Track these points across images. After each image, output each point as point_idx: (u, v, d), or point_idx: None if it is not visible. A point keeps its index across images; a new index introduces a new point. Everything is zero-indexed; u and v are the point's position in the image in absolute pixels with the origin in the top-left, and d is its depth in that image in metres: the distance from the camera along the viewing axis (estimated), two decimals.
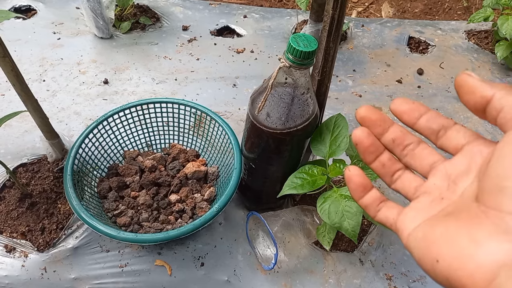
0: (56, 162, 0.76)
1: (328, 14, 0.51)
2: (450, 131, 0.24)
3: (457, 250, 0.19)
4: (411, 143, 0.26)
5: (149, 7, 1.25)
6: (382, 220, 0.26)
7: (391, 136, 0.26)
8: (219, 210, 0.60)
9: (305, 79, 0.52)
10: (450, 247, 0.20)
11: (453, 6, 1.50)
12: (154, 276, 0.67)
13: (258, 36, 1.21)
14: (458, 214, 0.21)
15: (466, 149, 0.24)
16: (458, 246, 0.19)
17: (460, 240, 0.19)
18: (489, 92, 0.21)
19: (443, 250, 0.20)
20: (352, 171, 0.27)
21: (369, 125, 0.26)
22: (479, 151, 0.23)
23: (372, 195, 0.27)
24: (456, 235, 0.20)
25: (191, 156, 0.78)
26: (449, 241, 0.20)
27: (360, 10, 1.49)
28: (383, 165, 0.27)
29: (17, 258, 0.66)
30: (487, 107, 0.21)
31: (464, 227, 0.20)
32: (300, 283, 0.68)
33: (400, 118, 0.25)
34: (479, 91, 0.21)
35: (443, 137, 0.24)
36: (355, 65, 1.14)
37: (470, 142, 0.24)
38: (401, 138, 0.26)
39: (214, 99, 1.00)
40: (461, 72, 0.22)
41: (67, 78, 1.01)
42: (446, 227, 0.21)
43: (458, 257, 0.19)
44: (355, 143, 0.26)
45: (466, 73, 0.22)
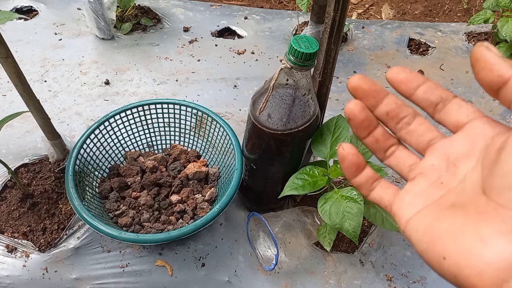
0: (58, 163, 0.76)
1: (329, 16, 0.51)
2: (450, 105, 0.22)
3: (464, 248, 0.18)
4: (406, 116, 0.24)
5: (150, 8, 1.25)
6: (376, 200, 0.25)
7: (385, 109, 0.24)
8: (220, 211, 0.60)
9: (306, 80, 0.53)
10: (457, 244, 0.18)
11: (453, 8, 1.50)
12: (155, 277, 0.67)
13: (259, 37, 1.22)
14: (464, 208, 0.20)
15: (467, 128, 0.22)
16: (465, 243, 0.18)
17: (468, 238, 0.18)
18: (508, 72, 0.19)
19: (450, 247, 0.19)
20: (346, 149, 0.25)
21: (362, 97, 0.24)
22: (482, 132, 0.21)
23: (366, 173, 0.25)
24: (463, 232, 0.19)
25: (192, 157, 0.78)
26: (456, 238, 0.19)
27: (360, 12, 1.49)
28: (376, 140, 0.25)
29: (19, 258, 0.66)
30: (503, 87, 0.19)
31: (471, 223, 0.19)
32: (300, 283, 0.68)
33: (397, 88, 0.23)
34: (497, 69, 0.19)
35: (442, 110, 0.23)
36: (355, 66, 1.14)
37: (472, 120, 0.22)
38: (396, 111, 0.24)
39: (215, 100, 1.00)
40: (479, 43, 0.20)
41: (69, 78, 1.02)
42: (452, 221, 0.19)
43: (466, 256, 0.18)
44: (348, 117, 0.24)
45: (485, 46, 0.20)
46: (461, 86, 1.11)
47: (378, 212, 0.60)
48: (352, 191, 0.56)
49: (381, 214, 0.60)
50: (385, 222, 0.60)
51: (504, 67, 0.19)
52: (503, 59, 0.19)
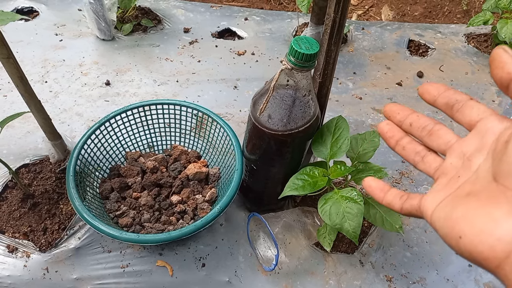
0: (58, 163, 0.76)
1: (329, 17, 0.51)
2: (464, 106, 0.26)
3: (478, 228, 0.21)
4: (427, 124, 0.28)
5: (150, 9, 1.25)
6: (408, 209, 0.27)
7: (409, 121, 0.29)
8: (221, 211, 0.60)
9: (307, 81, 0.53)
10: (471, 225, 0.21)
11: (452, 10, 1.51)
12: (156, 277, 0.67)
13: (259, 38, 1.22)
14: (477, 194, 0.22)
15: (479, 126, 0.25)
16: (478, 224, 0.21)
17: (480, 219, 0.21)
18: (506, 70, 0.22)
19: (465, 228, 0.21)
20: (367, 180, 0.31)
21: (391, 115, 0.30)
22: (492, 128, 0.24)
23: (392, 193, 0.29)
24: (476, 214, 0.21)
25: (193, 157, 0.79)
26: (470, 219, 0.21)
27: (360, 13, 1.50)
28: (403, 148, 0.30)
29: (19, 258, 0.67)
30: (511, 83, 0.22)
31: (483, 207, 0.21)
32: (300, 284, 0.68)
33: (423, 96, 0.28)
34: (507, 68, 0.22)
35: (458, 112, 0.26)
36: (355, 67, 1.15)
37: (483, 118, 0.25)
38: (417, 121, 0.29)
39: (215, 101, 1.00)
40: (498, 46, 0.23)
41: (69, 79, 1.02)
42: (467, 206, 0.22)
43: (479, 234, 0.21)
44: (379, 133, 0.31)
45: (502, 48, 0.23)
46: (460, 87, 1.11)
47: (378, 213, 0.61)
48: (352, 191, 0.56)
49: (381, 215, 0.61)
50: (385, 222, 0.60)
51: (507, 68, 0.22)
52: None
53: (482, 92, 1.10)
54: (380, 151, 0.91)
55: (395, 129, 0.30)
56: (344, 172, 0.58)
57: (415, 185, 0.86)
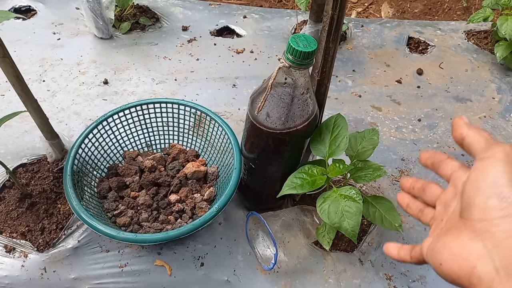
0: (56, 162, 0.76)
1: (327, 14, 0.51)
2: (443, 164, 0.35)
3: (451, 254, 0.28)
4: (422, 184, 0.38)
5: (149, 8, 1.25)
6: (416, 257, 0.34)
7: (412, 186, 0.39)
8: (219, 210, 0.60)
9: (305, 79, 0.52)
10: (447, 253, 0.29)
11: (452, 7, 1.50)
12: (154, 276, 0.67)
13: (258, 36, 1.22)
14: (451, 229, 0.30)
15: (452, 178, 0.33)
16: (452, 251, 0.28)
17: (453, 247, 0.28)
18: (464, 132, 0.31)
19: (443, 255, 0.29)
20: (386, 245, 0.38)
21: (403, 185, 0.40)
22: (459, 178, 0.32)
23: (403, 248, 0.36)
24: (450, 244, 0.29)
25: (191, 156, 0.78)
26: (447, 249, 0.29)
27: (359, 11, 1.49)
28: (410, 208, 0.38)
29: (17, 258, 0.66)
30: (463, 141, 0.31)
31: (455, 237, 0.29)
32: (300, 283, 0.68)
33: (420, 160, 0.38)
34: (460, 130, 0.32)
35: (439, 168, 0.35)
36: (354, 65, 1.14)
37: (454, 171, 0.33)
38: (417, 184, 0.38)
39: (213, 99, 1.00)
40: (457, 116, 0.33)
41: (67, 78, 1.01)
42: (444, 240, 0.30)
43: (453, 258, 0.28)
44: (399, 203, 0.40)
45: (459, 117, 0.33)
46: (460, 85, 1.11)
47: (377, 211, 0.60)
48: (351, 190, 0.55)
49: (380, 213, 0.60)
50: (384, 221, 0.60)
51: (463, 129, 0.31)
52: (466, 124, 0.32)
53: (482, 89, 1.10)
54: (380, 149, 0.91)
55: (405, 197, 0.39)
56: (343, 170, 0.58)
57: None
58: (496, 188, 0.27)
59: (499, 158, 0.29)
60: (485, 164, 0.29)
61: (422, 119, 1.00)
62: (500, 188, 0.27)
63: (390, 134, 0.95)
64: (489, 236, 0.27)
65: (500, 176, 0.28)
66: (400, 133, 0.96)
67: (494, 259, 0.26)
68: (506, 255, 0.26)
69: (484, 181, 0.28)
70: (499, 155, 0.29)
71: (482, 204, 0.28)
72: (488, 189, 0.28)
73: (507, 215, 0.26)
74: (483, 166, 0.29)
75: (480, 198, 0.28)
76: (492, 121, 1.01)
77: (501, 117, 1.02)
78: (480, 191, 0.28)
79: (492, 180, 0.28)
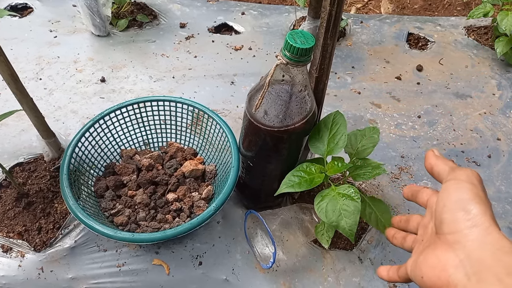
0: (53, 161, 0.75)
1: (325, 10, 0.50)
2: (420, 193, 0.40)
3: (430, 266, 0.32)
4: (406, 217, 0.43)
5: (146, 5, 1.24)
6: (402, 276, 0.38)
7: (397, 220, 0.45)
8: (217, 209, 0.60)
9: (303, 76, 0.52)
10: (426, 265, 0.32)
11: (452, 2, 1.49)
12: (152, 276, 0.67)
13: (256, 33, 1.21)
14: (429, 246, 0.34)
15: (428, 203, 0.38)
16: (430, 263, 0.32)
17: (431, 260, 0.32)
18: (433, 162, 0.37)
19: (423, 269, 0.33)
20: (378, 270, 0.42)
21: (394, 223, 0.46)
22: (433, 202, 0.37)
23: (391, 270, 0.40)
24: (428, 258, 0.33)
25: (189, 155, 0.78)
26: (426, 262, 0.33)
27: (359, 7, 1.48)
28: (395, 238, 0.43)
29: (14, 258, 0.66)
30: (432, 171, 0.38)
31: (432, 251, 0.33)
32: (299, 281, 0.68)
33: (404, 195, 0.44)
34: (429, 161, 0.38)
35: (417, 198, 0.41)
36: (354, 62, 1.13)
37: (429, 197, 0.38)
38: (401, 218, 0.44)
39: (212, 97, 0.99)
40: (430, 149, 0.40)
41: (64, 76, 1.01)
42: (424, 255, 0.34)
43: (431, 270, 0.32)
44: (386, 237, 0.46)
45: (431, 150, 0.39)
46: (460, 81, 1.10)
47: (373, 213, 0.60)
48: (349, 188, 0.55)
49: (376, 215, 0.60)
50: (379, 223, 0.59)
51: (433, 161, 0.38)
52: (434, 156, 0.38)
53: (482, 86, 1.09)
54: (379, 146, 0.91)
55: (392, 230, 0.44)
56: (341, 168, 0.57)
57: (415, 180, 0.85)
58: (461, 203, 0.31)
59: (462, 179, 0.33)
60: (449, 185, 0.33)
61: (422, 116, 0.99)
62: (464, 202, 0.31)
63: (390, 131, 0.95)
64: (460, 246, 0.30)
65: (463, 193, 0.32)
66: (400, 130, 0.95)
67: (465, 266, 0.29)
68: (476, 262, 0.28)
69: (450, 199, 0.32)
70: (461, 177, 0.33)
71: (450, 218, 0.31)
72: (454, 204, 0.32)
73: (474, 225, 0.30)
74: (448, 187, 0.33)
75: (448, 214, 0.32)
76: (492, 118, 1.00)
77: (501, 113, 1.02)
78: (447, 207, 0.32)
79: (456, 197, 0.32)
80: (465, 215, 0.30)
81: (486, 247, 0.29)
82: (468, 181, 0.32)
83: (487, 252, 0.28)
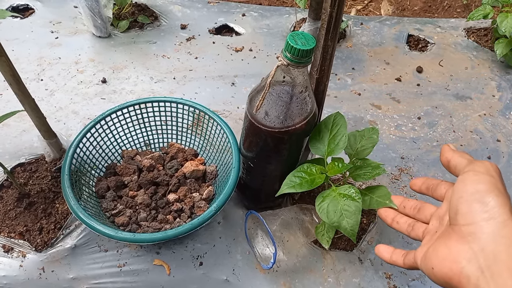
0: (54, 162, 0.75)
1: (326, 12, 0.50)
2: (438, 187, 0.39)
3: (441, 257, 0.31)
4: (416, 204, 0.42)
5: (147, 6, 1.24)
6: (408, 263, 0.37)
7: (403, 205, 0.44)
8: (218, 209, 0.60)
9: (303, 77, 0.52)
10: (437, 256, 0.32)
11: (452, 4, 1.49)
12: (153, 276, 0.67)
13: (257, 34, 1.21)
14: (442, 236, 0.34)
15: (446, 195, 0.38)
16: (441, 254, 0.32)
17: (442, 250, 0.32)
18: (450, 156, 0.37)
19: (434, 260, 0.32)
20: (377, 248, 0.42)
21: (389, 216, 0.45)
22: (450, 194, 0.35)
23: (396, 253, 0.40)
24: (440, 248, 0.32)
25: (190, 155, 0.78)
26: (437, 253, 0.32)
27: (359, 8, 1.48)
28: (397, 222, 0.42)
29: (15, 258, 0.66)
30: (449, 164, 0.37)
31: (444, 242, 0.32)
32: (299, 282, 0.68)
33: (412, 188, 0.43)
34: (446, 155, 0.37)
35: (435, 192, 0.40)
36: (354, 63, 1.14)
37: (447, 190, 0.38)
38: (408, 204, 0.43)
39: (212, 98, 0.99)
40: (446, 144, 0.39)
41: (65, 77, 1.01)
42: (435, 245, 0.33)
43: (442, 261, 0.31)
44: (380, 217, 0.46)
45: (447, 145, 0.39)
46: (460, 82, 1.10)
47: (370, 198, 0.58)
48: (350, 189, 0.55)
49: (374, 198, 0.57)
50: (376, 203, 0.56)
51: (449, 154, 0.37)
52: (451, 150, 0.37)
53: (482, 87, 1.09)
54: (379, 147, 0.91)
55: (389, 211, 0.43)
56: (342, 169, 0.58)
57: None
58: (478, 194, 0.30)
59: (479, 171, 0.32)
60: (466, 177, 0.32)
61: (422, 117, 0.99)
62: (481, 194, 0.30)
63: (390, 132, 0.95)
64: (475, 239, 0.29)
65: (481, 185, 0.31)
66: (400, 131, 0.96)
67: (479, 259, 0.28)
68: (490, 256, 0.28)
69: (466, 190, 0.31)
70: (480, 168, 0.32)
71: (466, 209, 0.30)
72: (471, 196, 0.31)
73: (491, 217, 0.29)
74: (465, 178, 0.32)
75: (464, 205, 0.31)
76: (492, 119, 1.01)
77: (501, 114, 1.02)
78: (463, 198, 0.31)
79: (474, 189, 0.31)
80: (482, 206, 0.30)
81: (501, 240, 0.28)
82: (486, 173, 0.31)
83: (502, 246, 0.27)
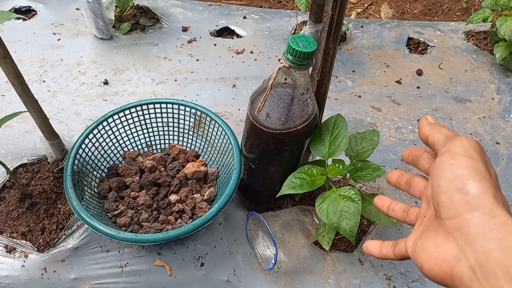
0: (56, 163, 0.76)
1: (327, 15, 0.51)
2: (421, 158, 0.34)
3: (429, 255, 0.28)
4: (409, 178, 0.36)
5: (149, 8, 1.25)
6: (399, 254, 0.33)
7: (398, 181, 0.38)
8: (219, 210, 0.60)
9: (305, 79, 0.53)
10: (425, 254, 0.28)
11: (452, 7, 1.50)
12: (154, 276, 0.67)
13: (258, 37, 1.22)
14: (429, 229, 0.29)
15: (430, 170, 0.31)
16: (429, 252, 0.28)
17: (430, 248, 0.28)
18: (427, 131, 0.32)
19: (423, 257, 0.28)
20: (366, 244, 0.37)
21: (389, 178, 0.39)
22: None
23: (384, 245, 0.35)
24: (427, 245, 0.28)
25: (191, 157, 0.78)
26: (425, 250, 0.28)
27: (359, 11, 1.49)
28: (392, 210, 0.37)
29: (17, 258, 0.66)
30: (427, 140, 0.32)
31: (431, 238, 0.28)
32: (299, 283, 0.68)
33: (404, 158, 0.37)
34: (423, 131, 0.32)
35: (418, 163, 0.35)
36: (354, 66, 1.14)
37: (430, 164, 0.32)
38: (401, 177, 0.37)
39: (213, 100, 1.00)
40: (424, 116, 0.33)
41: (67, 78, 1.01)
42: (422, 240, 0.29)
43: (432, 260, 0.27)
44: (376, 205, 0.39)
45: (424, 117, 0.33)
46: (460, 85, 1.11)
47: (374, 208, 0.60)
48: (350, 190, 0.56)
49: (377, 210, 0.60)
50: (381, 217, 0.59)
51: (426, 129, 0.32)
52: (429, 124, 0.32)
53: (482, 90, 1.10)
54: (379, 149, 0.91)
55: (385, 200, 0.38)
56: (342, 170, 0.58)
57: None
58: (457, 182, 0.26)
59: (456, 151, 0.27)
60: (443, 160, 0.28)
61: None
62: (460, 181, 0.26)
63: (390, 135, 0.96)
64: (462, 235, 0.26)
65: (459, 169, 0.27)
66: (400, 134, 0.96)
67: (469, 258, 0.25)
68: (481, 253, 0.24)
69: (444, 178, 0.27)
70: (456, 148, 0.28)
71: (447, 201, 0.26)
72: (449, 184, 0.27)
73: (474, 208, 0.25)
74: (442, 162, 0.28)
75: (444, 196, 0.27)
76: (491, 122, 1.01)
77: (500, 117, 1.03)
78: (442, 188, 0.27)
79: (452, 175, 0.27)
80: (464, 196, 0.26)
81: (490, 234, 0.24)
82: (464, 154, 0.27)
83: (493, 241, 0.24)
